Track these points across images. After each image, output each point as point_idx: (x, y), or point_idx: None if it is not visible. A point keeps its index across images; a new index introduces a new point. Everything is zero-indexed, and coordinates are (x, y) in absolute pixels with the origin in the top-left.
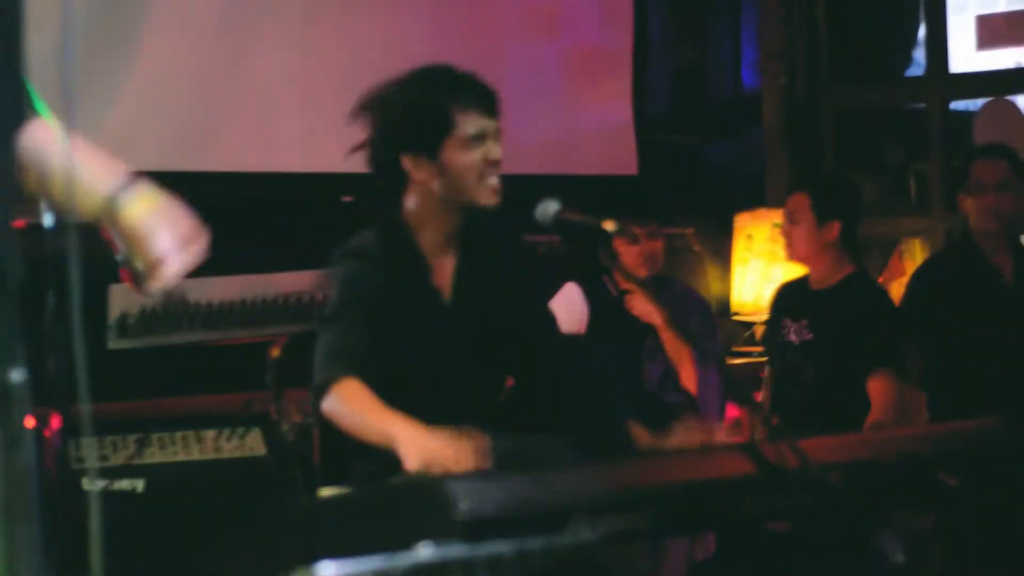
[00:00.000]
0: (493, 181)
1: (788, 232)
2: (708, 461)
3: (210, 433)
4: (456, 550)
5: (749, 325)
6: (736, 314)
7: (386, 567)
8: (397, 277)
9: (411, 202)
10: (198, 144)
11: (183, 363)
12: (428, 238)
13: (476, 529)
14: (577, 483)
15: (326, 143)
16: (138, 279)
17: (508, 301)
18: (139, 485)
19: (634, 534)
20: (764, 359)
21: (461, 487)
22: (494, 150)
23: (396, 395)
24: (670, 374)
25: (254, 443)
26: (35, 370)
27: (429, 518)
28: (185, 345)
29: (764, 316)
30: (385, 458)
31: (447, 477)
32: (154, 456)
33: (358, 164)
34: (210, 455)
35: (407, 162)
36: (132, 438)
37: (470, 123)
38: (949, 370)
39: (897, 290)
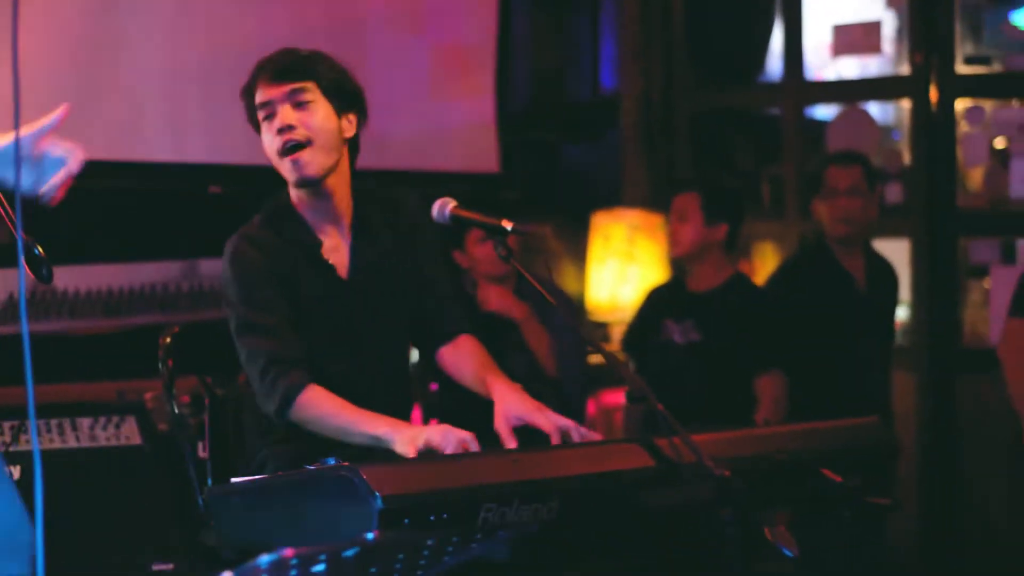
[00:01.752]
0: (287, 157)
1: (675, 230)
2: (608, 455)
3: (85, 421)
4: (402, 535)
5: (603, 325)
6: (591, 313)
7: (333, 551)
8: (289, 256)
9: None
10: (64, 131)
11: (54, 351)
12: (311, 216)
13: (392, 515)
14: (488, 473)
15: (194, 133)
16: (35, 264)
17: (404, 273)
18: (15, 472)
19: (541, 525)
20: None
21: (376, 474)
22: (278, 117)
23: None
24: (533, 365)
25: (129, 432)
26: None
27: (346, 505)
28: (53, 333)
29: (618, 315)
30: (288, 448)
31: (373, 464)
32: (29, 443)
33: (225, 155)
34: (85, 443)
35: None
36: (7, 425)
37: (258, 95)
38: (803, 373)
39: None
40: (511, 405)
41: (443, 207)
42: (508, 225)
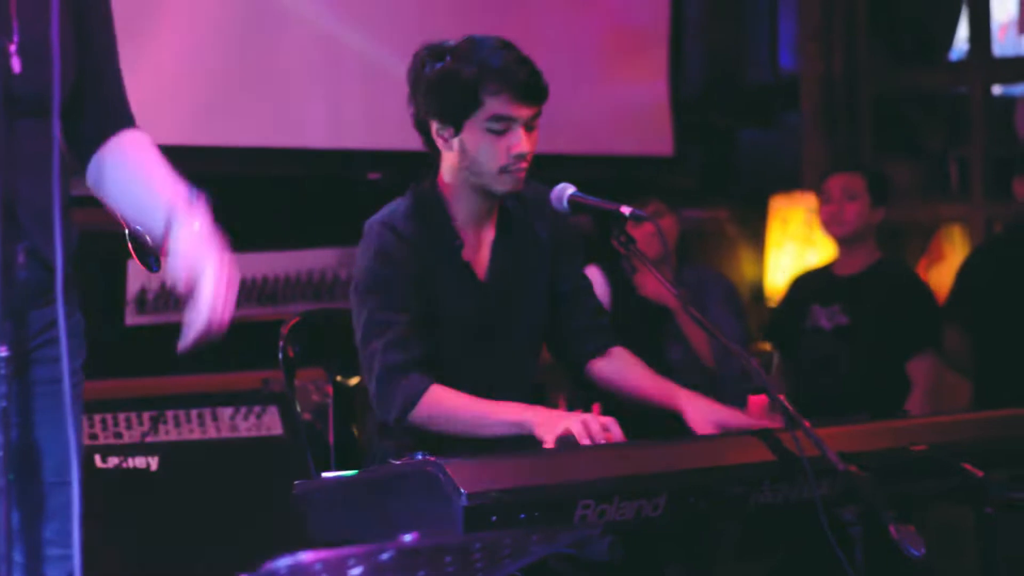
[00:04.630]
0: (514, 172)
1: (840, 209)
2: (724, 447)
3: (226, 411)
4: (451, 536)
5: None
6: (770, 299)
7: (374, 553)
8: (429, 250)
9: (444, 171)
10: (222, 119)
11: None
12: (461, 210)
13: (478, 514)
14: (585, 468)
15: (353, 120)
16: (143, 254)
17: (543, 277)
18: (153, 463)
19: (644, 523)
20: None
21: (464, 470)
22: (520, 141)
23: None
24: (690, 356)
25: (271, 422)
26: None
27: (431, 502)
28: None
29: None
30: (404, 440)
31: (462, 459)
32: (169, 434)
33: (384, 141)
34: (226, 434)
35: (435, 128)
36: (147, 415)
37: (495, 106)
38: (1000, 358)
39: (936, 276)
40: (707, 411)
41: (561, 193)
42: (626, 211)
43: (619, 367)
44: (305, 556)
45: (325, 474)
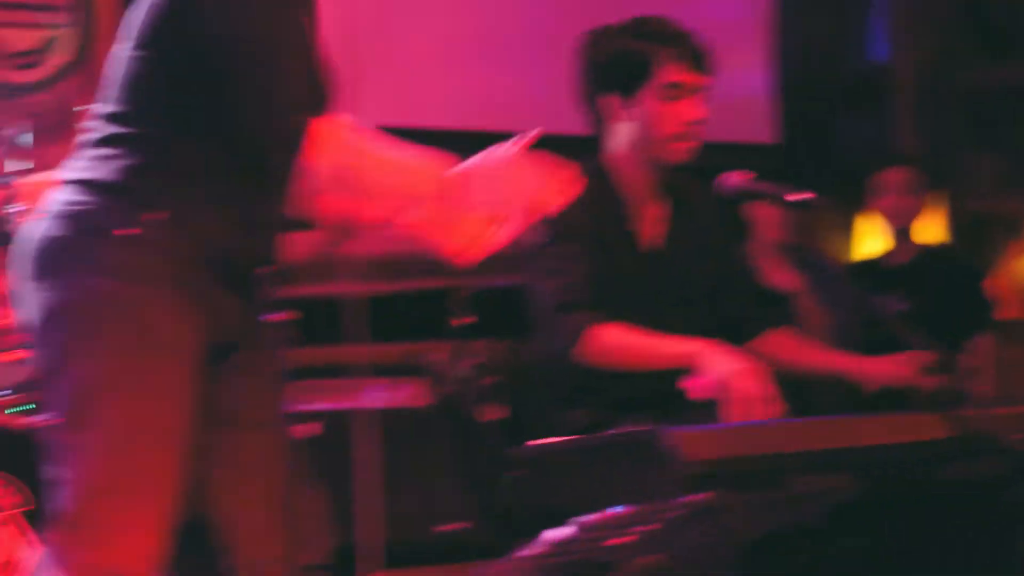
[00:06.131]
0: (687, 140)
1: (904, 201)
2: (905, 424)
3: (378, 382)
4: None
5: None
6: None
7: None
8: (600, 220)
9: (611, 147)
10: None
11: (346, 313)
12: (630, 183)
13: (695, 481)
14: (795, 440)
15: (471, 99)
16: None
17: (713, 251)
18: (316, 430)
19: (837, 493)
20: None
21: (679, 438)
22: (692, 108)
23: None
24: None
25: (420, 393)
26: None
27: (647, 469)
28: (347, 295)
29: None
30: (590, 409)
31: (667, 427)
32: (325, 403)
33: (501, 122)
34: (378, 404)
35: (605, 104)
36: (303, 384)
37: (669, 72)
38: None
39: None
40: (875, 366)
41: (730, 179)
42: (793, 198)
43: (782, 345)
44: (583, 520)
45: (534, 441)
